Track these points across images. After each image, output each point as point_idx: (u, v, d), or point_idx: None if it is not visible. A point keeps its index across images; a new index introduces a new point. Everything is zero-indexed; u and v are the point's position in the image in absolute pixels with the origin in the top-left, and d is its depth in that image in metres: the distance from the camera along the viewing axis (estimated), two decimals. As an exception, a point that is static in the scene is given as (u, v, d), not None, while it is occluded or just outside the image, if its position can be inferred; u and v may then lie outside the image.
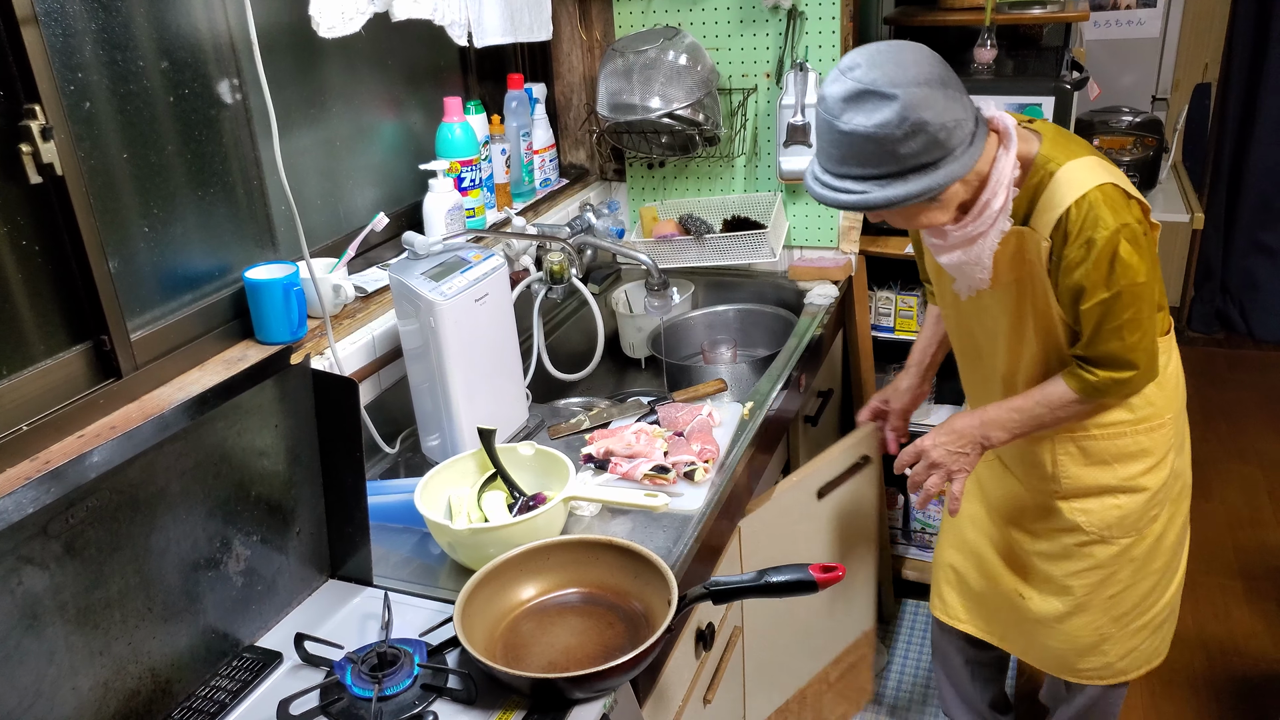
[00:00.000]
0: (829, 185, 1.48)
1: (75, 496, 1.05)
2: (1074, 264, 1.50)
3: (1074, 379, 1.60)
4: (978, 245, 1.57)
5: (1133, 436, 1.71)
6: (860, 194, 1.44)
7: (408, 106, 2.06)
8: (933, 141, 1.40)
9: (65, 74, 1.30)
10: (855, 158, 1.42)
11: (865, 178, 1.43)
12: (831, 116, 1.42)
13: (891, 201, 1.43)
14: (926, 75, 1.40)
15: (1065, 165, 1.51)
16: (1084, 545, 1.79)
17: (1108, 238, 1.46)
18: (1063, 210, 1.49)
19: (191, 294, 1.55)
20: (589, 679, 1.17)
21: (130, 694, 1.16)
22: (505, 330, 1.76)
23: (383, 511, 1.56)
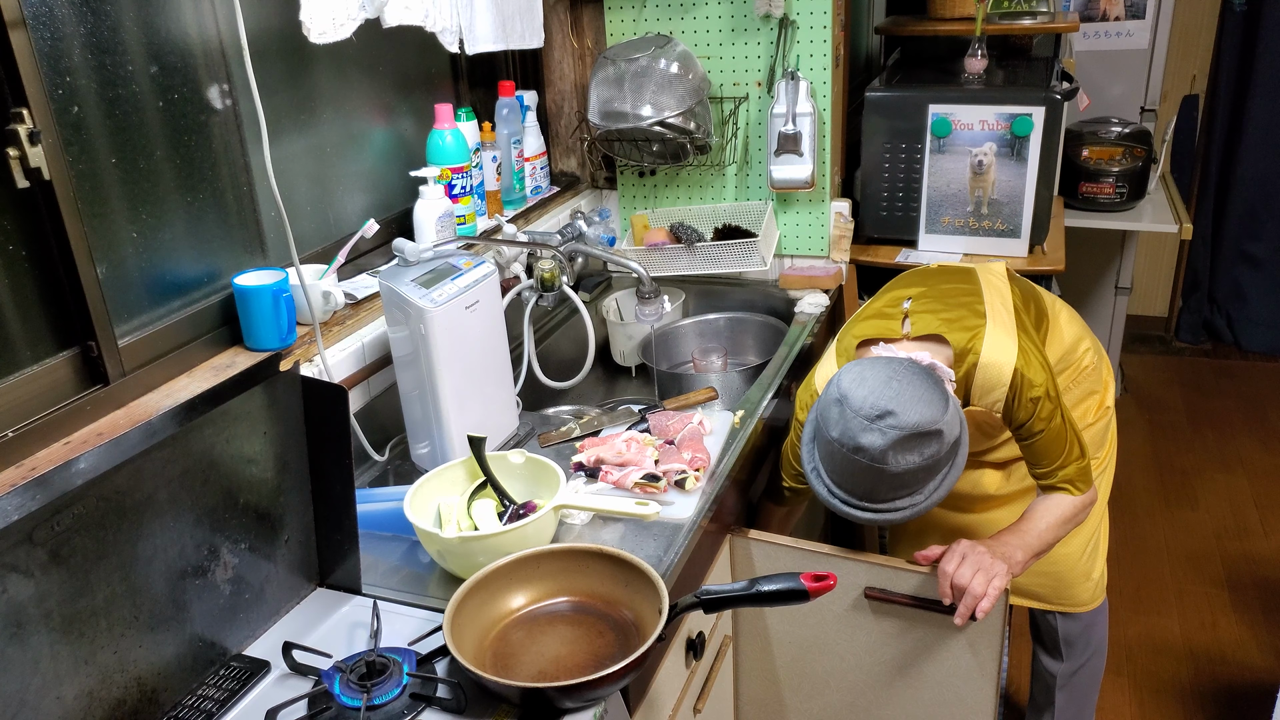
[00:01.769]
0: (872, 509, 1.59)
1: (61, 504, 1.04)
2: (1021, 419, 1.68)
3: (1065, 492, 1.72)
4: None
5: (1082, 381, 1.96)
6: (909, 509, 1.58)
7: (399, 113, 2.05)
8: (959, 442, 1.59)
9: (53, 78, 1.29)
10: (903, 485, 1.55)
11: (911, 494, 1.57)
12: (878, 464, 1.51)
13: (942, 497, 1.60)
14: (942, 395, 1.54)
15: (982, 352, 1.66)
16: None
17: (1042, 390, 1.64)
18: (1004, 391, 1.66)
19: (180, 300, 1.54)
20: (579, 688, 1.16)
21: (116, 703, 1.15)
22: (496, 338, 1.75)
23: (372, 519, 1.55)
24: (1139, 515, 3.33)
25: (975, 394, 1.69)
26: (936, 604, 1.63)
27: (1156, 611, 2.89)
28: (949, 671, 1.71)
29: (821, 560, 1.72)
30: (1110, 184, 3.41)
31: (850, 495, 1.59)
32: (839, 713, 1.84)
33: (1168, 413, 3.95)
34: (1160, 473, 1.79)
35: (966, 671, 1.70)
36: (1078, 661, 2.17)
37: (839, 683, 1.81)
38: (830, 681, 1.82)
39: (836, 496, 1.61)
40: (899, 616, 1.70)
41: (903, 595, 1.67)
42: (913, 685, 1.75)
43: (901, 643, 1.72)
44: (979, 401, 1.69)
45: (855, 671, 1.79)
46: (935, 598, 1.63)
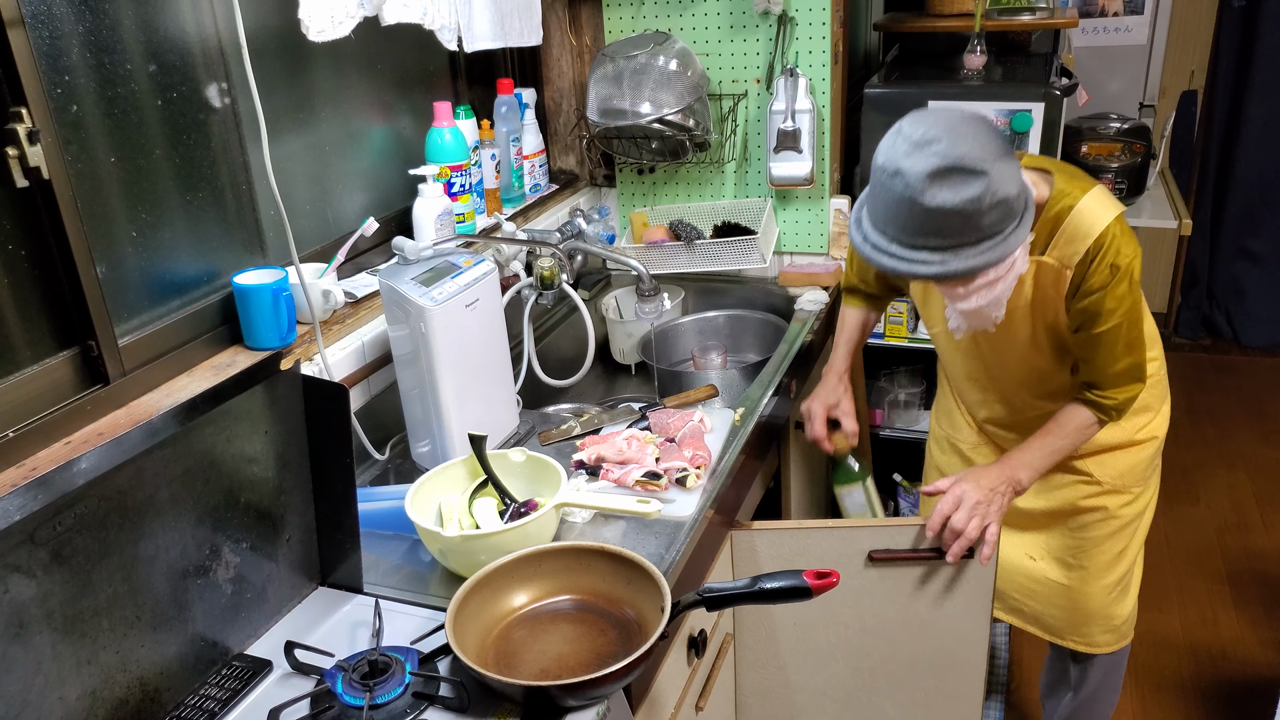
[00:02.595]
0: (897, 255, 1.47)
1: (63, 504, 1.04)
2: (1094, 288, 1.58)
3: (1093, 406, 1.67)
4: (997, 289, 1.58)
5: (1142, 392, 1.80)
6: (938, 264, 1.45)
7: (397, 111, 2.05)
8: (1008, 212, 1.44)
9: (52, 77, 1.29)
10: (936, 231, 1.43)
11: (943, 248, 1.44)
12: (913, 192, 1.41)
13: (972, 269, 1.45)
14: (1002, 149, 1.43)
15: (1083, 199, 1.57)
16: (1097, 496, 1.86)
17: (1128, 264, 1.56)
18: (1090, 242, 1.56)
19: (180, 299, 1.54)
20: (582, 686, 1.16)
21: (118, 703, 1.15)
22: (496, 336, 1.75)
23: (373, 518, 1.55)
24: (1139, 511, 3.33)
25: (1058, 239, 1.59)
26: (938, 551, 1.72)
27: (1157, 607, 2.89)
28: (946, 614, 1.80)
29: (822, 536, 1.76)
30: (1109, 180, 3.41)
31: (882, 235, 1.48)
32: (843, 681, 1.89)
33: (1167, 408, 3.95)
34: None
35: (963, 611, 1.79)
36: (1080, 699, 2.13)
37: (844, 651, 1.85)
38: (835, 653, 1.85)
39: (869, 242, 1.50)
40: (901, 573, 1.77)
41: (905, 551, 1.74)
42: (914, 637, 1.83)
43: (903, 598, 1.79)
44: (1058, 249, 1.60)
45: (860, 637, 1.82)
46: (937, 546, 1.72)
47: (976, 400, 1.95)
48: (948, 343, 1.86)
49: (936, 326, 1.86)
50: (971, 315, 1.65)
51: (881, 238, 1.49)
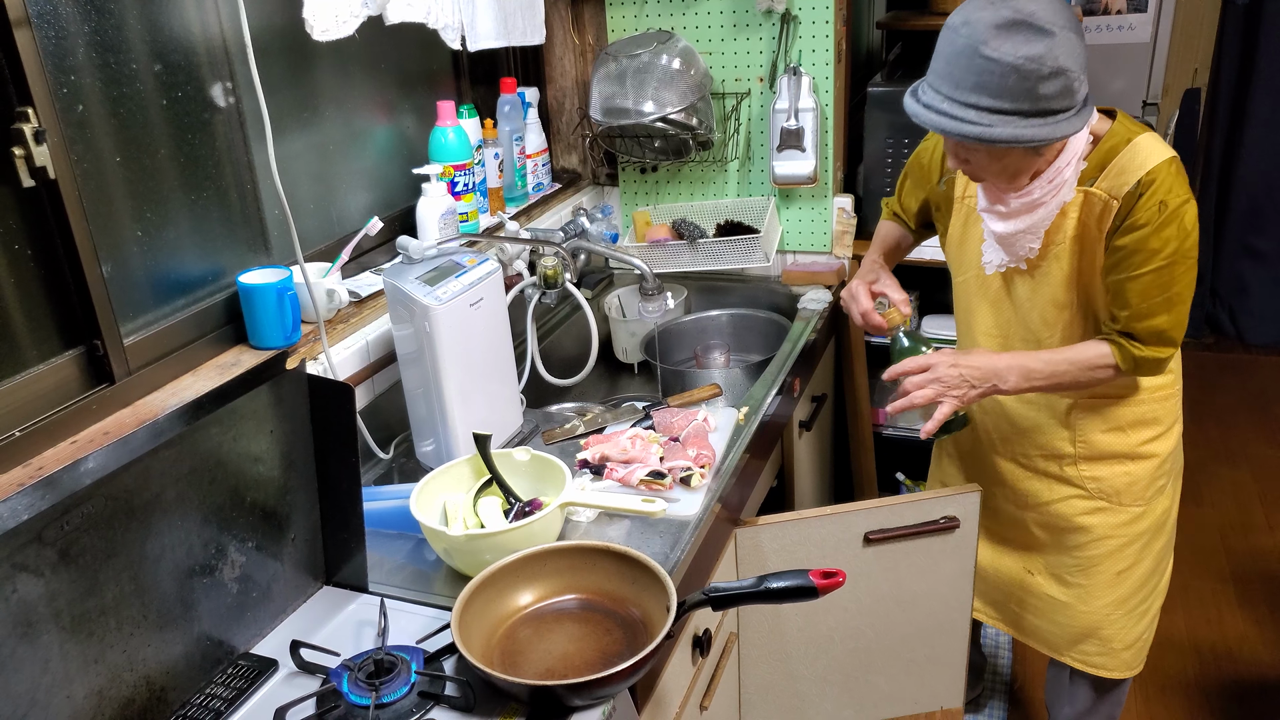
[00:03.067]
0: (944, 112, 1.43)
1: (70, 503, 1.04)
2: (1139, 224, 1.52)
3: (1117, 348, 1.60)
4: (1039, 213, 1.57)
5: (1149, 404, 1.75)
6: (984, 126, 1.40)
7: (401, 110, 2.05)
8: (1067, 88, 1.39)
9: (58, 77, 1.29)
10: (989, 88, 1.38)
11: (992, 110, 1.40)
12: (976, 41, 1.38)
13: (1017, 140, 1.40)
14: (1074, 22, 1.39)
15: (1141, 135, 1.55)
16: (1093, 513, 1.81)
17: (1180, 205, 1.50)
18: (1143, 174, 1.51)
19: (184, 298, 1.54)
20: (587, 686, 1.16)
21: (125, 702, 1.15)
22: (500, 335, 1.75)
23: (378, 517, 1.55)
24: (1142, 509, 3.32)
25: (1109, 171, 1.55)
26: (932, 524, 1.80)
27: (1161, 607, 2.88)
28: (933, 583, 1.89)
29: (820, 524, 1.80)
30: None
31: (935, 93, 1.45)
32: (842, 663, 1.93)
33: (1170, 407, 3.95)
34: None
35: (947, 578, 1.89)
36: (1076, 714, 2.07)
37: (842, 634, 1.89)
38: (835, 637, 1.89)
39: (921, 101, 1.47)
40: (894, 549, 1.84)
41: (900, 528, 1.81)
42: (905, 609, 1.90)
43: (895, 573, 1.86)
44: (1107, 180, 1.55)
45: (857, 618, 1.87)
46: (930, 519, 1.78)
47: None
48: (976, 288, 1.80)
49: (968, 271, 1.80)
50: (1008, 242, 1.64)
51: (935, 95, 1.45)
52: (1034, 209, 1.58)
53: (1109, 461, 1.79)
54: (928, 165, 1.86)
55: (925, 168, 1.86)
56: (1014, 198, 1.59)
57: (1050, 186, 1.56)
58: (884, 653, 1.93)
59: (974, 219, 1.74)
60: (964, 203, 1.77)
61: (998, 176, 1.55)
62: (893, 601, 1.89)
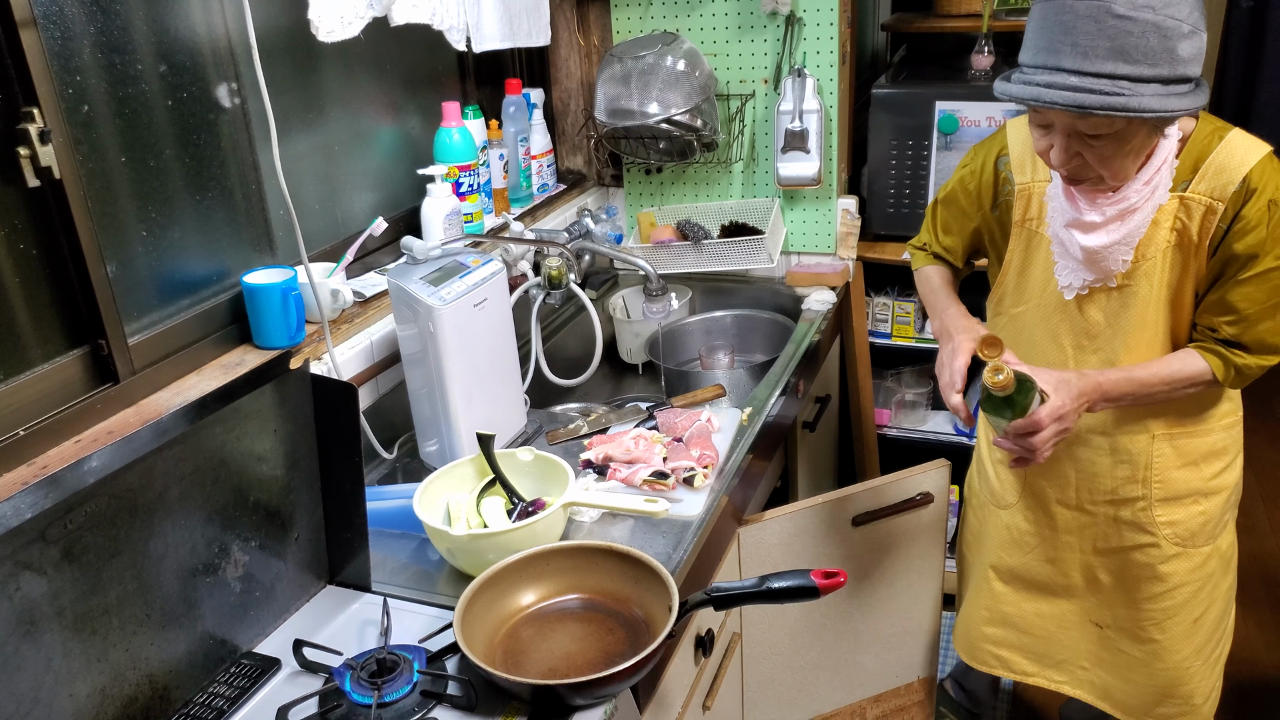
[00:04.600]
0: (1077, 86, 1.24)
1: (73, 502, 1.04)
2: (1249, 227, 1.39)
3: (1217, 360, 1.48)
4: (1133, 220, 1.44)
5: (1219, 433, 1.64)
6: (1128, 95, 1.23)
7: (406, 111, 2.06)
8: (1199, 51, 1.26)
9: (64, 77, 1.30)
10: (1127, 52, 1.22)
11: (1132, 78, 1.23)
12: (1106, 2, 1.21)
13: (1166, 111, 1.24)
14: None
15: (1232, 132, 1.42)
16: (1168, 561, 1.67)
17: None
18: (1246, 170, 1.39)
19: (189, 298, 1.55)
20: (589, 685, 1.16)
21: (128, 701, 1.15)
22: (504, 335, 1.75)
23: (381, 517, 1.55)
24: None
25: (1205, 170, 1.41)
26: (910, 502, 1.87)
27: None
28: (911, 558, 1.97)
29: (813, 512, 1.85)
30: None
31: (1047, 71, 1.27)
32: (833, 647, 1.97)
33: (1175, 409, 3.94)
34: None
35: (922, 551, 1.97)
36: None
37: (833, 619, 1.93)
38: (826, 623, 1.93)
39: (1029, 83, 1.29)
40: (878, 530, 1.91)
41: (883, 508, 1.88)
42: (888, 586, 1.97)
43: (879, 553, 1.93)
44: (1205, 181, 1.41)
45: (847, 601, 1.92)
46: (908, 497, 1.82)
47: None
48: (1039, 319, 1.63)
49: (1029, 300, 1.63)
50: (1098, 258, 1.48)
51: (1052, 74, 1.27)
52: (1128, 216, 1.44)
53: (1184, 501, 1.65)
54: (975, 191, 1.67)
55: (973, 194, 1.68)
56: (1108, 204, 1.44)
57: (1146, 189, 1.42)
58: (869, 632, 1.98)
59: (1036, 243, 1.60)
60: (1024, 227, 1.61)
61: (1117, 168, 1.38)
62: (878, 581, 1.96)
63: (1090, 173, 1.39)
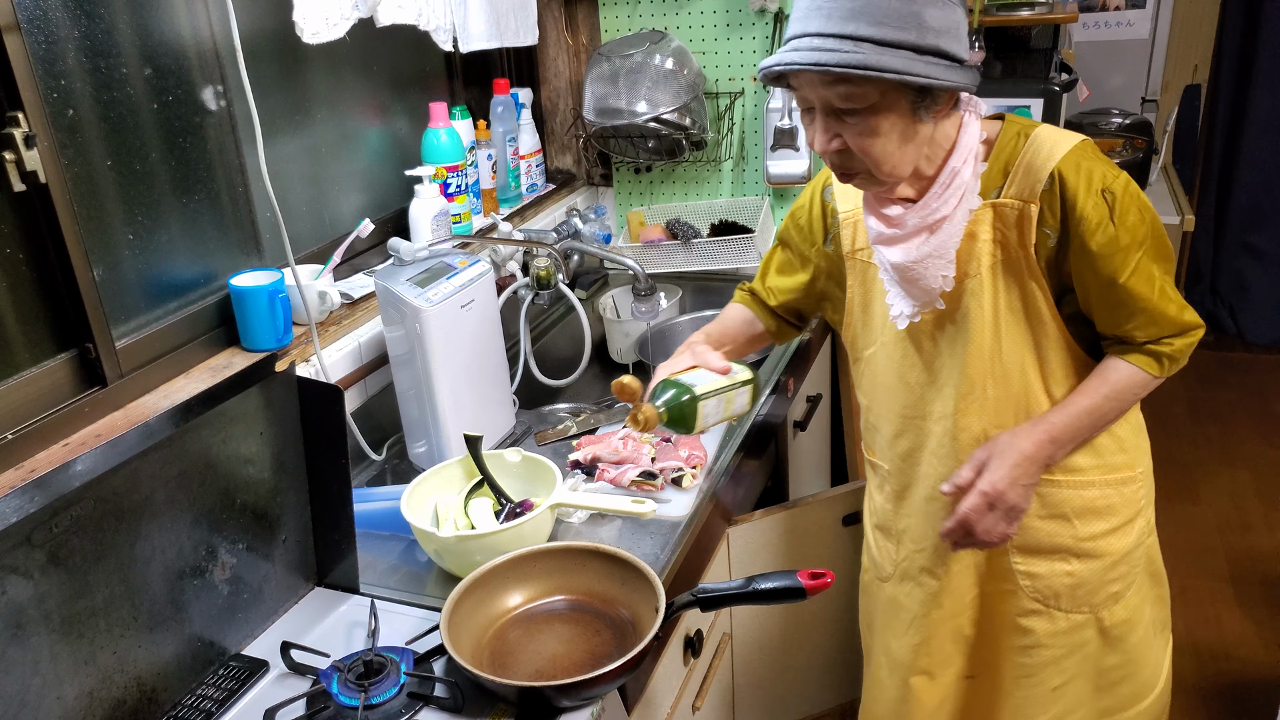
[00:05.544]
0: (824, 49, 1.18)
1: (59, 505, 1.04)
2: (1093, 225, 1.28)
3: (1146, 358, 1.35)
4: (943, 230, 1.33)
5: (1100, 488, 1.45)
6: (862, 54, 1.17)
7: (393, 112, 2.06)
8: (953, 27, 1.21)
9: (48, 81, 1.30)
10: (868, 12, 1.17)
11: (874, 41, 1.17)
12: None
13: (904, 74, 1.17)
14: None
15: (1039, 128, 1.34)
16: (1029, 616, 1.51)
17: (1125, 185, 1.29)
18: (1054, 166, 1.28)
19: (176, 301, 1.55)
20: (576, 687, 1.17)
21: (116, 703, 1.16)
22: (492, 336, 1.76)
23: (369, 519, 1.55)
24: (1140, 508, 3.32)
25: (1015, 173, 1.31)
26: None
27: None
28: None
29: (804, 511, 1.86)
30: (1110, 176, 3.40)
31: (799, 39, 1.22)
32: (825, 646, 1.98)
33: (1169, 405, 3.94)
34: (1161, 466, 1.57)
35: None
36: None
37: (824, 618, 1.95)
38: (817, 623, 1.95)
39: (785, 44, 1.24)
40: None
41: None
42: None
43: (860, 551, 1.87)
44: (1014, 186, 1.31)
45: (835, 600, 1.93)
46: None
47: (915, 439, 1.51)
48: (883, 360, 1.50)
49: (874, 341, 1.51)
50: (914, 276, 1.36)
51: (795, 42, 1.23)
52: (936, 225, 1.33)
53: (1047, 556, 1.48)
54: (807, 226, 1.56)
55: (805, 230, 1.56)
56: (910, 213, 1.33)
57: (949, 193, 1.32)
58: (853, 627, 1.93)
59: (871, 275, 1.46)
60: (856, 259, 1.48)
61: (879, 152, 1.26)
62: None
63: (857, 163, 1.28)
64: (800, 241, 1.59)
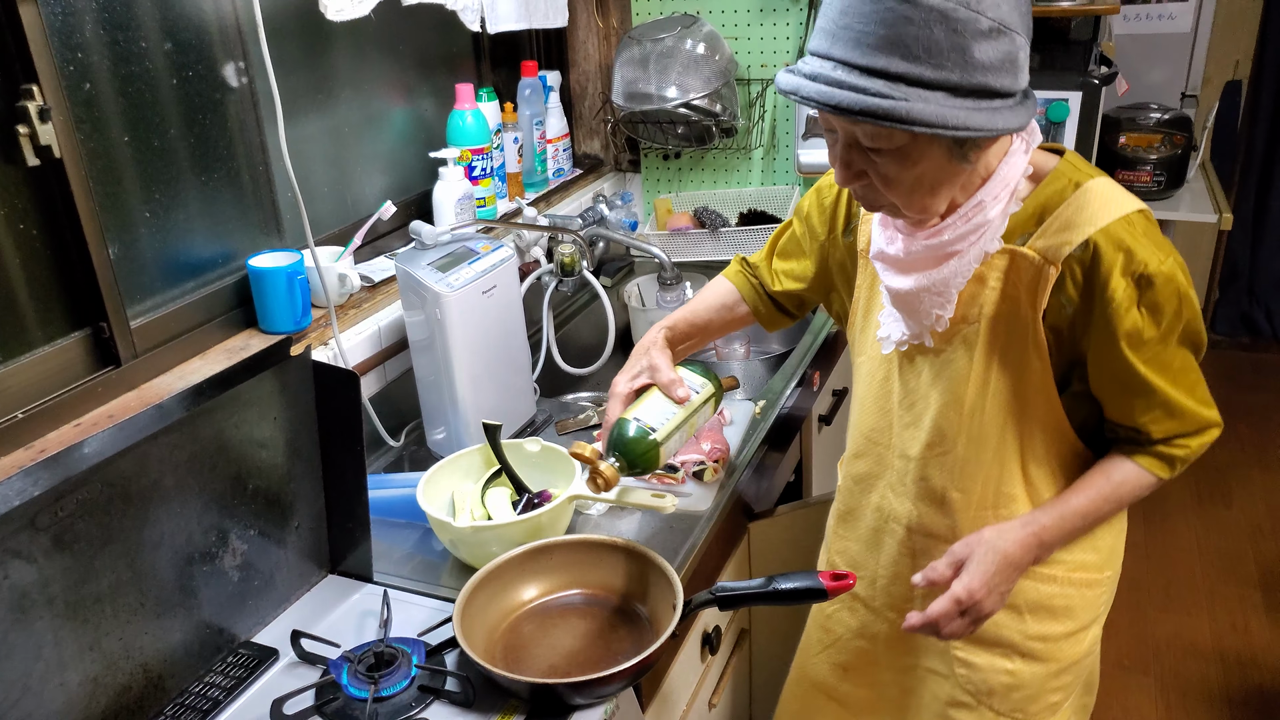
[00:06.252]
0: (838, 81, 1.01)
1: (64, 489, 1.02)
2: (1123, 308, 1.11)
3: (1157, 461, 1.21)
4: (949, 267, 1.16)
5: (1062, 586, 1.30)
6: (896, 100, 0.98)
7: (418, 93, 2.02)
8: (1010, 59, 1.01)
9: (64, 54, 1.27)
10: (904, 45, 0.98)
11: (909, 80, 0.99)
12: None
13: (944, 124, 0.99)
14: None
15: (1096, 179, 1.15)
16: (955, 706, 1.37)
17: (1168, 274, 1.10)
18: (1092, 232, 1.10)
19: (194, 281, 1.53)
20: (589, 685, 1.14)
21: (121, 689, 1.14)
22: (513, 323, 1.72)
23: (385, 506, 1.53)
24: (1170, 512, 3.26)
25: (1050, 225, 1.13)
26: None
27: (1186, 611, 2.83)
28: None
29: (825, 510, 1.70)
30: (1148, 172, 3.33)
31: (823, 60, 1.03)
32: None
33: (1202, 406, 3.87)
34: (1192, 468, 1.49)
35: None
36: None
37: None
38: None
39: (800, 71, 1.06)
40: None
41: None
42: None
43: None
44: (1044, 238, 1.13)
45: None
46: None
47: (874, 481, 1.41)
48: (865, 375, 1.39)
49: (866, 350, 1.38)
50: (909, 304, 1.22)
51: (822, 63, 1.04)
52: (943, 258, 1.17)
53: (989, 649, 1.33)
54: (831, 206, 1.39)
55: (828, 211, 1.40)
56: (921, 236, 1.17)
57: (968, 226, 1.14)
58: None
59: (880, 282, 1.30)
60: (868, 259, 1.33)
61: (908, 196, 1.11)
62: None
63: (881, 198, 1.13)
64: (819, 223, 1.42)
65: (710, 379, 1.37)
